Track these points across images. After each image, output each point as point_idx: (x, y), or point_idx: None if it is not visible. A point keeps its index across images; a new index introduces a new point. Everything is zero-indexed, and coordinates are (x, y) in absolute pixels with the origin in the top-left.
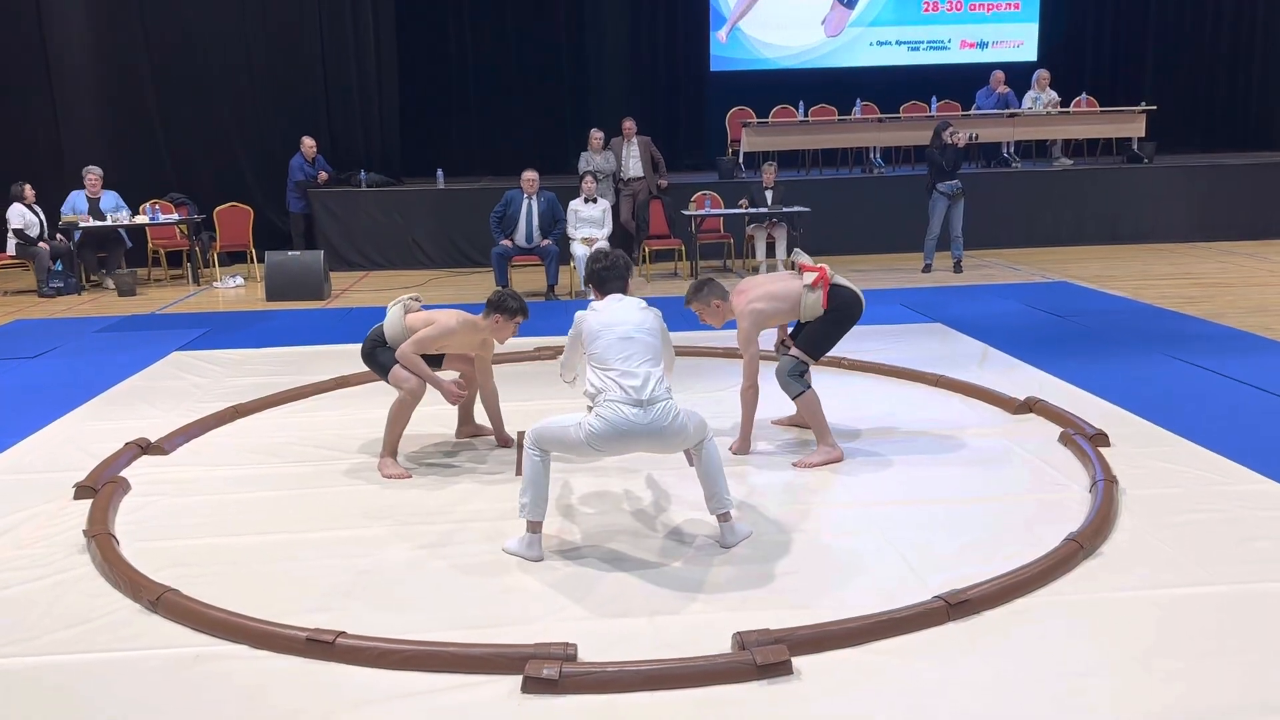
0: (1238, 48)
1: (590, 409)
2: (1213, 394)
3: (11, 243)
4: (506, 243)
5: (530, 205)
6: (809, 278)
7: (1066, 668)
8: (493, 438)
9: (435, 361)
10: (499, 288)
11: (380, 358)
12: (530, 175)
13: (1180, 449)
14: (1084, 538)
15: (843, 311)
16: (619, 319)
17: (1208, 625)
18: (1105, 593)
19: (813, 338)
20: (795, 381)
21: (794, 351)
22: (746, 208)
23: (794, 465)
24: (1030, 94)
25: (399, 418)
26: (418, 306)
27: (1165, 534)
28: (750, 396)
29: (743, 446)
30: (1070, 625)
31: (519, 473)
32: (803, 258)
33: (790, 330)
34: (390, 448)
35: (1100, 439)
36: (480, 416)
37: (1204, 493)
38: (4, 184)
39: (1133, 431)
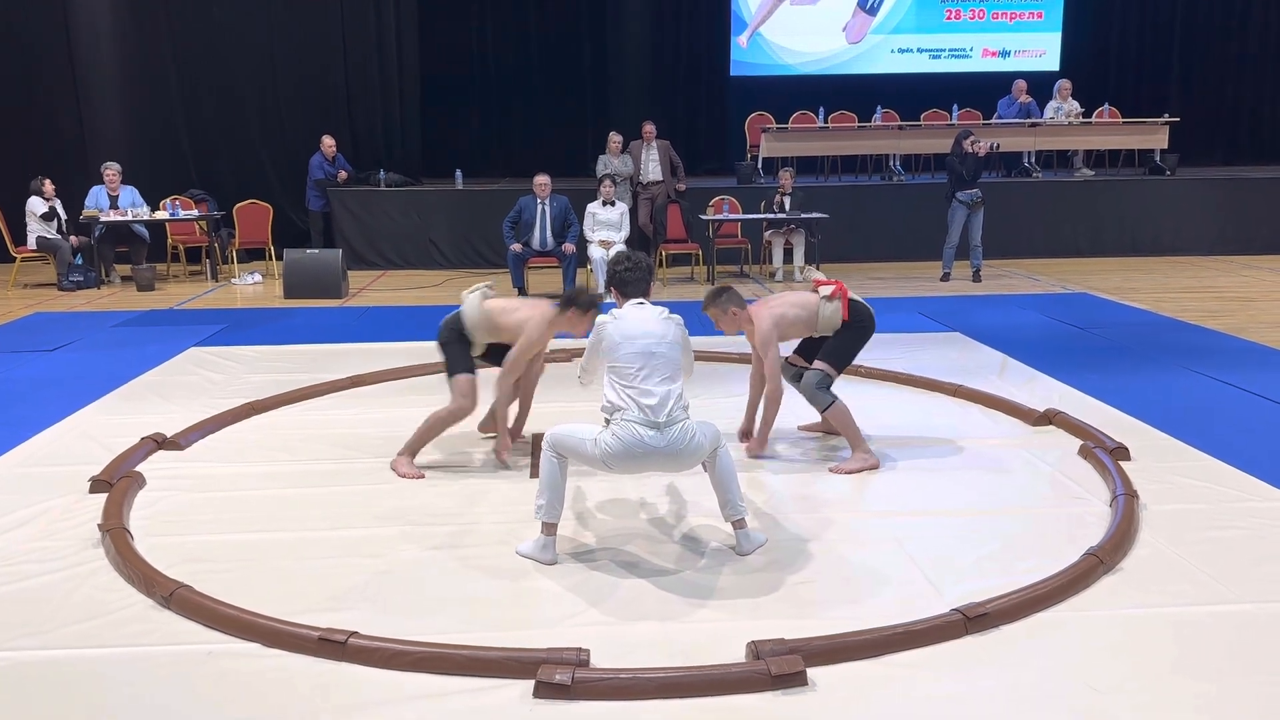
0: (1264, 61)
1: (607, 423)
2: (1235, 409)
3: (32, 237)
4: (517, 247)
5: (544, 209)
6: (826, 290)
7: (1086, 685)
8: (511, 441)
9: (502, 349)
10: (528, 288)
11: (453, 354)
12: (542, 179)
13: (1202, 464)
14: (1104, 553)
15: (862, 324)
16: (640, 330)
17: (1230, 644)
18: (1126, 609)
19: (836, 350)
20: (824, 394)
21: (819, 364)
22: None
23: (830, 470)
24: (1052, 104)
25: (435, 428)
26: (493, 294)
27: (1186, 550)
28: (775, 400)
29: (759, 448)
30: (1090, 641)
31: (534, 474)
32: (816, 274)
33: (795, 350)
34: (411, 449)
35: (1121, 453)
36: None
37: (1226, 509)
38: (28, 178)
39: (1153, 445)
